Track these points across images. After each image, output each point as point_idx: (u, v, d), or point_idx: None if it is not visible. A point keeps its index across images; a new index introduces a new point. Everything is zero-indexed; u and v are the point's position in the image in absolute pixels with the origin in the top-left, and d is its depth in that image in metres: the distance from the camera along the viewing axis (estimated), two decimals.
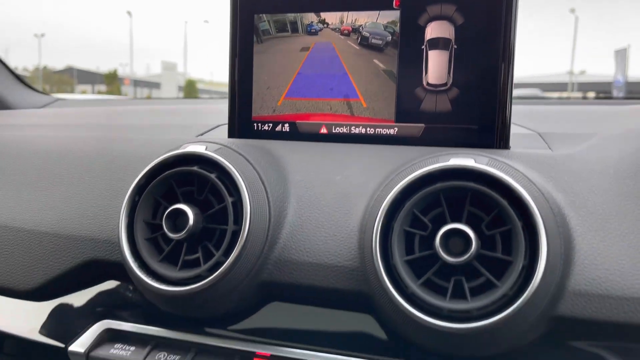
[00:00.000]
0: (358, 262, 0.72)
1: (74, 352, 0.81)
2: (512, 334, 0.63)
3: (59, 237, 0.88)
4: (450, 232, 0.65)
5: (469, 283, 0.65)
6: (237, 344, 0.76)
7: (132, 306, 0.84)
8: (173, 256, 0.77)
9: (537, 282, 0.62)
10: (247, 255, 0.73)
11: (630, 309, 0.63)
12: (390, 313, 0.68)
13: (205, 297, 0.73)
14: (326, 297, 0.74)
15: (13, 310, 0.89)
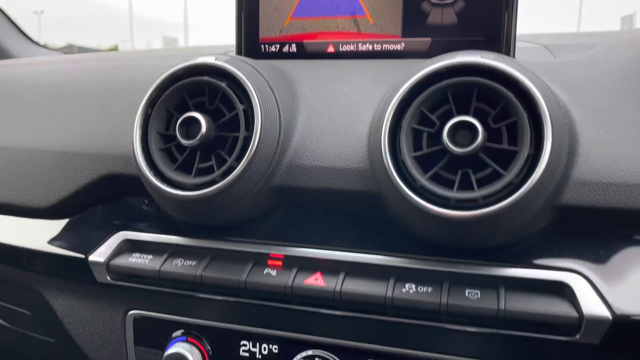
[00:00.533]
0: (367, 164, 0.74)
1: (94, 261, 0.84)
2: (518, 222, 0.65)
3: (74, 155, 0.90)
4: (458, 125, 0.66)
5: (475, 175, 0.67)
6: (251, 247, 0.79)
7: (149, 218, 0.86)
8: (187, 165, 0.79)
9: (542, 169, 0.63)
10: (259, 160, 0.75)
11: (634, 195, 0.65)
12: (399, 209, 0.70)
13: (219, 201, 0.75)
14: (336, 199, 0.76)
15: (34, 229, 0.92)
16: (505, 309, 0.66)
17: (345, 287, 0.72)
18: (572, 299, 0.65)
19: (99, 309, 0.90)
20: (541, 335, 0.66)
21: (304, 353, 0.79)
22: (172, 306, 0.85)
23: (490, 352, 0.71)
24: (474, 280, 0.70)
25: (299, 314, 0.78)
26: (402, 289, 0.70)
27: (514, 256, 0.70)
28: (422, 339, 0.73)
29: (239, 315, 0.81)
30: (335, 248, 0.76)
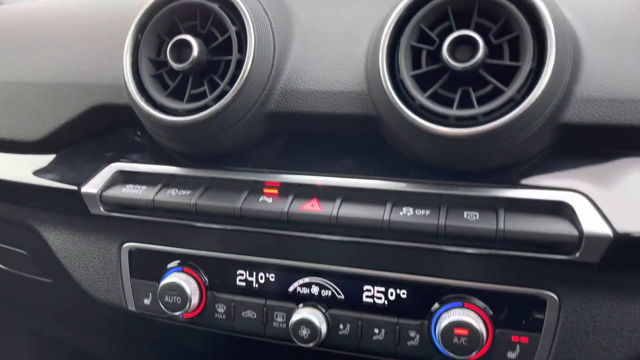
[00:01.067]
0: (364, 87, 0.72)
1: (87, 193, 0.83)
2: (518, 141, 0.64)
3: (63, 86, 0.88)
4: (458, 41, 0.64)
5: (475, 93, 0.65)
6: (247, 175, 0.77)
7: (142, 150, 0.85)
8: (180, 92, 0.76)
9: (545, 84, 0.61)
10: (252, 84, 0.73)
11: (636, 110, 0.63)
12: (398, 131, 0.68)
13: (212, 127, 0.74)
14: (333, 124, 0.74)
15: (26, 164, 0.90)
16: (504, 229, 0.65)
17: (341, 211, 0.71)
18: (573, 218, 0.64)
19: (94, 242, 0.89)
20: (541, 255, 0.65)
21: (300, 280, 0.78)
22: (167, 237, 0.84)
23: (490, 275, 0.70)
24: (472, 202, 0.69)
25: (296, 241, 0.77)
26: (399, 212, 0.69)
27: (514, 178, 0.68)
28: (419, 263, 0.73)
29: (235, 244, 0.80)
30: (332, 174, 0.74)
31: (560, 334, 0.69)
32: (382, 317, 0.74)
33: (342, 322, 0.76)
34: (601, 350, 0.68)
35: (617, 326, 0.67)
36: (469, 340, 0.68)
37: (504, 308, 0.70)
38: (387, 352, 0.74)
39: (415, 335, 0.73)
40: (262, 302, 0.79)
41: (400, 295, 0.74)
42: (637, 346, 0.67)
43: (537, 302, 0.69)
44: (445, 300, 0.72)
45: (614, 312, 0.67)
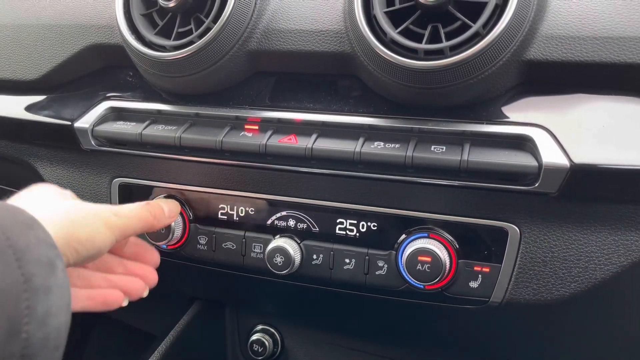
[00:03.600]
0: (342, 26, 0.75)
1: (79, 128, 0.87)
2: (484, 75, 0.66)
3: (61, 27, 0.92)
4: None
5: (444, 29, 0.68)
6: (229, 112, 0.81)
7: (133, 89, 0.88)
8: (168, 30, 0.80)
9: (508, 18, 0.64)
10: (235, 21, 0.76)
11: (602, 48, 0.65)
12: (371, 66, 0.71)
13: (197, 62, 0.77)
14: (312, 62, 0.78)
15: (24, 102, 0.95)
16: (467, 159, 0.67)
17: (316, 144, 0.74)
18: (533, 151, 0.67)
19: (86, 177, 0.93)
20: (502, 185, 0.68)
21: (277, 214, 0.82)
22: (155, 173, 0.88)
23: (455, 207, 0.73)
24: (440, 137, 0.72)
25: (274, 175, 0.81)
26: (370, 145, 0.72)
27: (481, 114, 0.71)
28: (389, 197, 0.76)
29: (217, 179, 0.84)
30: (310, 111, 0.78)
31: (520, 264, 0.72)
32: (353, 247, 0.78)
33: (315, 253, 0.80)
34: (558, 279, 0.71)
35: (574, 256, 0.70)
36: (432, 267, 0.71)
37: (468, 239, 0.73)
38: (357, 281, 0.78)
39: (383, 265, 0.76)
40: (242, 234, 0.83)
41: (371, 227, 0.78)
42: (592, 276, 0.70)
43: (499, 234, 0.72)
44: (412, 231, 0.75)
45: (572, 243, 0.70)
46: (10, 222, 0.47)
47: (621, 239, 0.68)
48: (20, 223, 0.48)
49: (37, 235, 0.48)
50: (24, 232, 0.47)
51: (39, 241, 0.48)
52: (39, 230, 0.49)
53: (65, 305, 0.49)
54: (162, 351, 1.01)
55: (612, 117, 0.66)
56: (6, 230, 0.46)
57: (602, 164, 0.64)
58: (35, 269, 0.46)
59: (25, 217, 0.49)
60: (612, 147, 0.65)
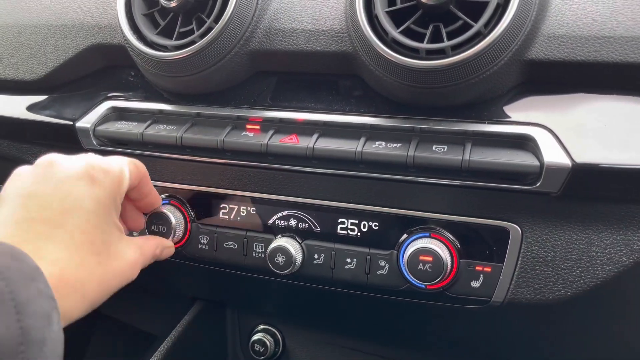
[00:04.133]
0: (343, 25, 0.75)
1: (81, 128, 0.87)
2: (486, 74, 0.66)
3: (61, 27, 0.92)
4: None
5: (446, 29, 0.68)
6: (231, 111, 0.81)
7: (135, 89, 0.89)
8: (170, 30, 0.80)
9: (510, 18, 0.64)
10: (237, 21, 0.77)
11: (603, 48, 0.65)
12: (373, 66, 0.71)
13: (198, 62, 0.77)
14: (313, 62, 0.78)
15: (26, 103, 0.95)
16: (469, 159, 0.67)
17: (318, 144, 0.74)
18: (535, 151, 0.67)
19: None
20: (503, 185, 0.68)
21: (279, 213, 0.82)
22: (156, 172, 0.88)
23: (457, 207, 0.73)
24: (442, 137, 0.72)
25: (275, 175, 0.81)
26: (372, 145, 0.72)
27: (483, 114, 0.71)
28: (390, 196, 0.76)
29: (218, 179, 0.84)
30: (311, 111, 0.78)
31: (522, 264, 0.71)
32: (354, 247, 0.78)
33: (316, 253, 0.80)
34: (560, 279, 0.71)
35: (576, 256, 0.70)
36: (433, 266, 0.71)
37: (469, 239, 0.73)
38: (358, 281, 0.78)
39: (385, 264, 0.76)
40: (243, 233, 0.83)
41: (372, 227, 0.77)
42: (594, 276, 0.69)
43: (501, 234, 0.72)
44: (414, 231, 0.75)
45: (573, 243, 0.70)
46: (15, 272, 0.48)
47: (623, 238, 0.68)
48: (24, 274, 0.48)
49: (39, 288, 0.49)
50: (27, 284, 0.48)
51: (40, 294, 0.49)
52: (41, 283, 0.50)
53: (57, 357, 0.50)
54: (163, 351, 1.01)
55: (614, 117, 0.66)
56: (10, 282, 0.47)
57: (604, 163, 0.64)
58: (33, 322, 0.47)
59: (30, 268, 0.50)
60: (613, 147, 0.65)
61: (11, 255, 0.50)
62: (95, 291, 0.59)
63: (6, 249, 0.50)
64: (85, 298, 0.58)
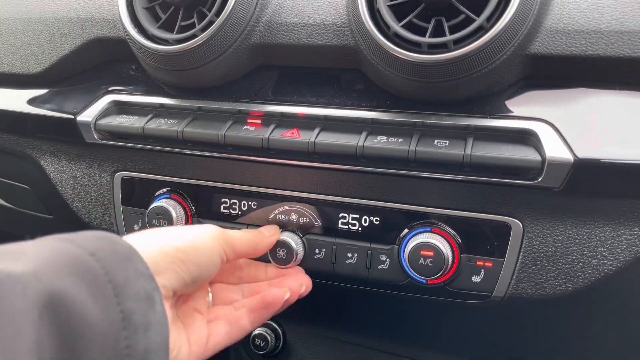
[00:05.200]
0: (345, 19, 0.75)
1: (82, 121, 0.87)
2: (488, 69, 0.66)
3: (62, 21, 0.92)
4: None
5: (448, 23, 0.67)
6: (232, 105, 0.81)
7: (136, 83, 0.88)
8: (171, 24, 0.80)
9: (512, 12, 0.64)
10: (238, 15, 0.76)
11: (604, 42, 0.65)
12: (374, 60, 0.71)
13: (199, 56, 0.77)
14: (315, 56, 0.78)
15: (27, 96, 0.95)
16: (471, 154, 0.67)
17: (319, 138, 0.74)
18: (537, 145, 0.66)
19: (89, 171, 0.93)
20: (505, 179, 0.68)
21: (280, 208, 0.82)
22: (157, 166, 0.88)
23: (458, 202, 0.73)
24: (444, 132, 0.71)
25: (277, 170, 0.80)
26: (373, 139, 0.72)
27: (485, 109, 0.71)
28: (392, 191, 0.76)
29: (219, 173, 0.84)
30: (313, 105, 0.78)
31: (523, 259, 0.71)
32: (355, 242, 0.78)
33: (317, 247, 0.79)
34: (561, 274, 0.71)
35: (577, 251, 0.70)
36: (434, 261, 0.71)
37: (471, 234, 0.73)
38: (359, 275, 0.78)
39: (386, 259, 0.76)
40: (244, 228, 0.83)
41: (373, 221, 0.77)
42: (595, 271, 0.69)
43: (502, 228, 0.72)
44: (415, 225, 0.75)
45: (575, 238, 0.69)
46: (109, 254, 0.45)
47: (625, 233, 0.68)
48: (118, 255, 0.46)
49: (136, 268, 0.47)
50: (123, 265, 0.46)
51: (138, 274, 0.46)
52: (138, 262, 0.48)
53: (164, 341, 0.47)
54: None
55: (616, 112, 0.66)
56: (106, 263, 0.44)
57: (606, 158, 0.64)
58: (134, 304, 0.44)
59: (124, 248, 0.48)
60: (616, 142, 0.65)
61: (103, 238, 0.47)
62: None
63: (97, 233, 0.48)
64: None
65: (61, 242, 0.45)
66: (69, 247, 0.45)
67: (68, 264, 0.43)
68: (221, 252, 0.63)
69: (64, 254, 0.44)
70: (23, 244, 0.45)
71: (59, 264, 0.43)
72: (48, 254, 0.43)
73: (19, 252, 0.44)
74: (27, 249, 0.44)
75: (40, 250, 0.44)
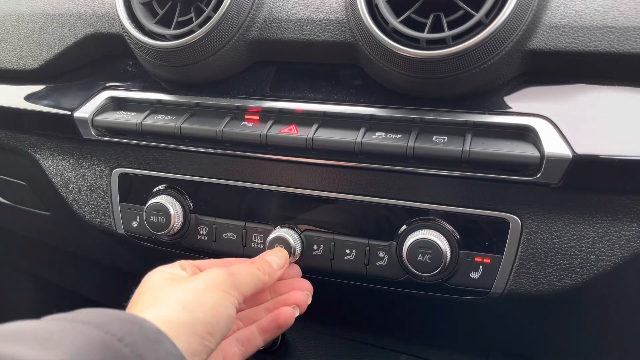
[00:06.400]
0: (343, 15, 0.75)
1: (79, 118, 0.87)
2: (487, 64, 0.66)
3: (60, 16, 0.91)
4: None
5: (447, 18, 0.67)
6: (230, 102, 0.81)
7: (133, 79, 0.88)
8: (168, 20, 0.80)
9: (512, 7, 0.64)
10: (236, 10, 0.76)
11: (603, 38, 0.65)
12: (373, 56, 0.71)
13: (197, 51, 0.77)
14: (313, 52, 0.77)
15: (24, 92, 0.95)
16: (469, 150, 0.67)
17: (317, 135, 0.74)
18: (536, 141, 0.66)
19: (86, 167, 0.93)
20: (503, 175, 0.68)
21: (279, 204, 0.81)
22: (155, 163, 0.87)
23: (457, 198, 0.73)
24: (442, 127, 0.71)
25: (275, 166, 0.80)
26: (372, 136, 0.72)
27: (483, 105, 0.70)
28: (390, 187, 0.76)
29: (217, 169, 0.84)
30: (311, 101, 0.77)
31: (521, 255, 0.71)
32: (354, 238, 0.78)
33: (315, 243, 0.79)
34: (559, 270, 0.71)
35: (576, 247, 0.70)
36: (432, 258, 0.71)
37: (469, 230, 0.73)
38: (357, 271, 0.78)
39: (384, 255, 0.76)
40: (242, 224, 0.83)
41: (372, 217, 0.77)
42: (593, 267, 0.69)
43: (501, 225, 0.72)
44: (413, 222, 0.75)
45: (573, 234, 0.69)
46: (138, 338, 0.47)
47: (623, 229, 0.68)
48: (148, 338, 0.48)
49: (166, 349, 0.48)
50: (154, 347, 0.47)
51: (168, 354, 0.48)
52: (167, 344, 0.49)
53: None
54: None
55: (615, 108, 0.66)
56: (137, 348, 0.46)
57: (605, 154, 0.64)
58: None
59: (152, 331, 0.49)
60: (614, 138, 0.64)
61: (131, 322, 0.49)
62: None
63: (124, 315, 0.50)
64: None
65: (89, 329, 0.46)
66: (98, 334, 0.46)
67: (100, 351, 0.44)
68: (235, 305, 0.64)
69: (93, 341, 0.45)
70: (45, 326, 0.46)
71: (90, 352, 0.44)
72: (79, 343, 0.44)
73: (45, 337, 0.44)
74: (53, 335, 0.45)
75: (69, 338, 0.44)
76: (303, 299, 0.74)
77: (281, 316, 0.72)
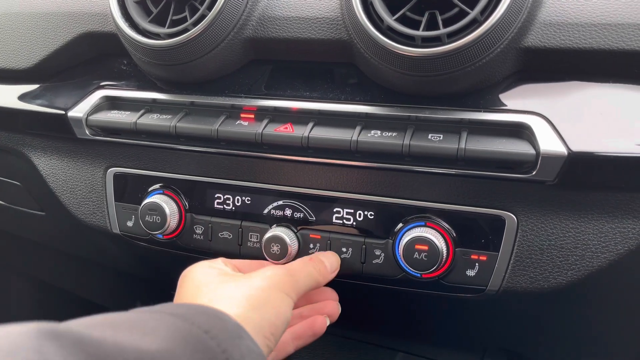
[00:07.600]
0: (338, 13, 0.75)
1: (73, 117, 0.86)
2: (482, 62, 0.66)
3: (53, 15, 0.91)
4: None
5: (442, 16, 0.67)
6: (225, 100, 0.80)
7: (128, 78, 0.88)
8: (162, 18, 0.79)
9: (507, 4, 0.64)
10: (230, 9, 0.76)
11: (598, 35, 0.65)
12: (368, 54, 0.71)
13: (191, 50, 0.76)
14: (308, 50, 0.77)
15: (17, 92, 0.94)
16: (465, 148, 0.67)
17: (313, 133, 0.74)
18: (531, 139, 0.66)
19: (80, 167, 0.93)
20: (499, 173, 0.68)
21: (274, 203, 0.81)
22: (150, 162, 0.87)
23: (452, 196, 0.73)
24: (438, 125, 0.71)
25: (270, 164, 0.80)
26: (367, 134, 0.72)
27: (479, 102, 0.70)
28: (386, 185, 0.76)
29: (213, 168, 0.84)
30: (306, 99, 0.77)
31: (517, 253, 0.71)
32: (350, 236, 0.78)
33: (312, 242, 0.79)
34: (555, 267, 0.71)
35: (571, 244, 0.70)
36: (429, 255, 0.71)
37: (465, 228, 0.73)
38: (353, 270, 0.78)
39: (380, 253, 0.76)
40: (238, 223, 0.83)
41: (368, 216, 0.77)
42: (589, 264, 0.69)
43: (497, 222, 0.72)
44: (409, 220, 0.75)
45: (569, 231, 0.70)
46: (221, 332, 0.47)
47: (618, 226, 0.68)
48: (231, 333, 0.48)
49: (248, 346, 0.48)
50: (237, 343, 0.47)
51: (250, 351, 0.48)
52: (248, 340, 0.49)
53: None
54: None
55: (610, 105, 0.66)
56: (222, 342, 0.46)
57: (600, 151, 0.64)
58: None
59: (233, 326, 0.49)
60: (610, 135, 0.65)
61: (213, 315, 0.49)
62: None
63: (204, 309, 0.50)
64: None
65: (178, 320, 0.47)
66: (186, 326, 0.46)
67: (190, 342, 0.45)
68: (292, 306, 0.64)
69: (184, 332, 0.45)
70: (137, 317, 0.46)
71: (184, 343, 0.44)
72: (172, 332, 0.45)
73: (141, 326, 0.45)
74: (148, 324, 0.45)
75: (162, 328, 0.45)
76: (336, 310, 0.76)
77: (317, 324, 0.73)
